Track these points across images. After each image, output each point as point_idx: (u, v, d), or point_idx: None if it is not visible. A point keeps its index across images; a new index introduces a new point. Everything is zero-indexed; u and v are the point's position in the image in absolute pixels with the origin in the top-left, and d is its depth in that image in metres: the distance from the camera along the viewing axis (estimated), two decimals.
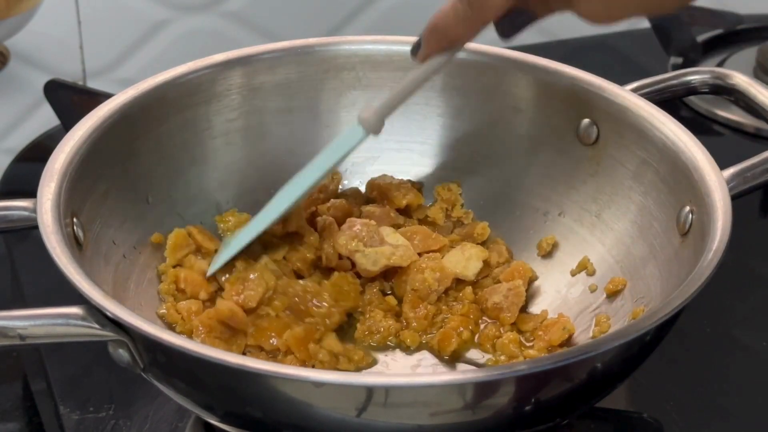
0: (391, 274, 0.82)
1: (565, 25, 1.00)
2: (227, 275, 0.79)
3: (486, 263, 0.84)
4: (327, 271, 0.82)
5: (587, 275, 0.83)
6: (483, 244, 0.86)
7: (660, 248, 0.79)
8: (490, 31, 1.20)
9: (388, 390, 0.64)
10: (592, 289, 0.81)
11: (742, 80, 0.88)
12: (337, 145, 0.80)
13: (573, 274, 0.83)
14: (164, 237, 0.82)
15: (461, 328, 0.79)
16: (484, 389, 0.65)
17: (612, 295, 0.80)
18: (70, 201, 0.74)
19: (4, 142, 1.16)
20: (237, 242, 0.80)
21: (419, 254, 0.83)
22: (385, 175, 0.88)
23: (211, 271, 0.80)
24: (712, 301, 0.80)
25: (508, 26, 0.72)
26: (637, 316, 0.76)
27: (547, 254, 0.85)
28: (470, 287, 0.82)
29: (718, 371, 0.82)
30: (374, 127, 0.78)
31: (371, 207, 0.86)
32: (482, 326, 0.81)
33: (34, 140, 1.06)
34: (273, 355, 0.76)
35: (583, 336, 0.79)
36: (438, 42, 0.74)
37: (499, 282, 0.83)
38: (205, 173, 0.86)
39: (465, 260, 0.83)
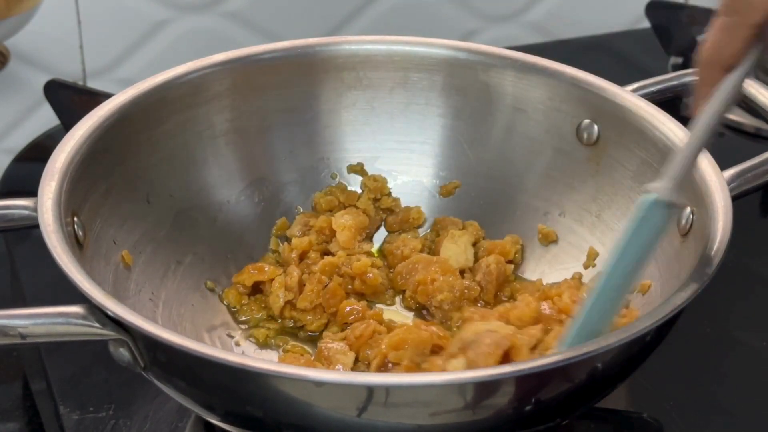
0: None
1: (565, 25, 1.00)
2: None
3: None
4: None
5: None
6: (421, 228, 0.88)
7: (660, 248, 0.79)
8: (490, 32, 1.21)
9: (388, 390, 0.64)
10: None
11: None
12: (641, 235, 0.68)
13: (586, 266, 0.83)
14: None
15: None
16: (484, 389, 0.65)
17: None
18: (70, 200, 0.74)
19: (4, 142, 1.16)
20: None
21: None
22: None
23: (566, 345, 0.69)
24: (712, 301, 0.80)
25: None
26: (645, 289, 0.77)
27: (548, 254, 0.85)
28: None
29: (718, 371, 0.82)
30: (672, 192, 0.67)
31: None
32: None
33: (34, 140, 1.06)
34: None
35: None
36: (712, 74, 0.65)
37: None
38: (205, 173, 0.86)
39: (463, 251, 0.84)
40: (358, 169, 0.89)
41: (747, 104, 0.87)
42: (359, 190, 0.89)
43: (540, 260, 0.86)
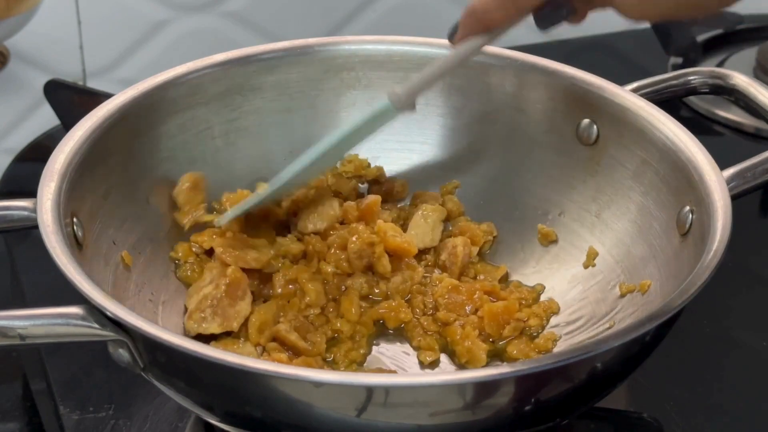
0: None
1: (564, 25, 1.00)
2: None
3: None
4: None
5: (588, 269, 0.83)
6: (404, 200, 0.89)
7: (660, 248, 0.79)
8: None
9: (388, 390, 0.64)
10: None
11: (742, 80, 0.88)
12: (365, 120, 0.79)
13: (585, 266, 0.83)
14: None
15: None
16: (484, 389, 0.65)
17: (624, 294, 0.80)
18: (70, 201, 0.74)
19: (4, 142, 1.16)
20: (249, 200, 0.81)
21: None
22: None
23: (221, 221, 0.82)
24: (712, 301, 0.80)
25: (546, 17, 0.72)
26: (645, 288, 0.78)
27: (548, 254, 0.85)
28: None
29: (717, 371, 0.82)
30: (405, 103, 0.77)
31: None
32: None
33: (34, 140, 1.06)
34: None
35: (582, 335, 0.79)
36: (474, 25, 0.74)
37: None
38: (205, 173, 0.86)
39: (431, 230, 0.85)
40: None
41: (747, 104, 0.87)
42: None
43: (540, 260, 0.86)
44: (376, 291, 0.82)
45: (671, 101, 0.90)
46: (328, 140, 0.79)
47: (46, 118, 1.06)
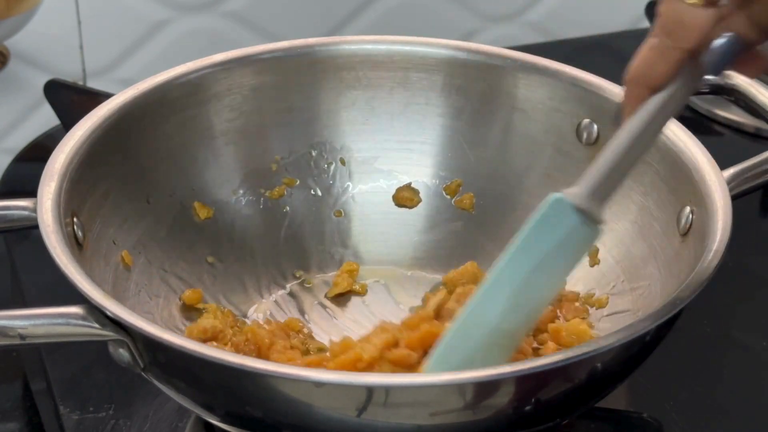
0: None
1: (565, 25, 1.00)
2: None
3: None
4: None
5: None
6: None
7: (660, 248, 0.79)
8: (490, 32, 1.21)
9: (388, 390, 0.64)
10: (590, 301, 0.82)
11: (742, 80, 0.88)
12: (559, 248, 0.67)
13: (591, 265, 0.83)
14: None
15: None
16: (484, 389, 0.65)
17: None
18: (70, 201, 0.74)
19: (4, 142, 1.16)
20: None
21: None
22: None
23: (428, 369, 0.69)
24: (712, 301, 0.80)
25: (718, 58, 0.64)
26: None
27: None
28: None
29: (718, 371, 0.82)
30: (597, 214, 0.67)
31: None
32: None
33: (34, 140, 1.06)
34: None
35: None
36: (638, 91, 0.65)
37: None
38: (205, 173, 0.86)
39: None
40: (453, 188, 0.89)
41: (747, 104, 0.87)
42: None
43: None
44: None
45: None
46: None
47: (46, 118, 1.06)
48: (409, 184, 0.90)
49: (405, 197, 0.90)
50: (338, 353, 0.72)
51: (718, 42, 0.64)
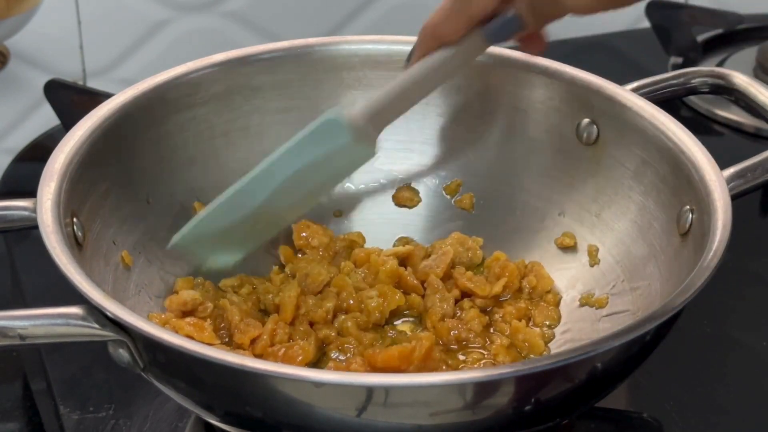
0: None
1: (565, 25, 1.00)
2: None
3: None
4: None
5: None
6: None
7: (660, 248, 0.79)
8: None
9: (388, 390, 0.64)
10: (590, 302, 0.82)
11: (742, 80, 0.88)
12: (308, 137, 0.75)
13: (591, 264, 0.83)
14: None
15: None
16: (484, 389, 0.65)
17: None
18: (70, 201, 0.74)
19: (4, 142, 1.16)
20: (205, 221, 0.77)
21: None
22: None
23: (172, 243, 0.78)
24: (712, 301, 0.80)
25: (497, 30, 0.73)
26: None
27: (548, 254, 0.85)
28: None
29: (718, 371, 0.82)
30: (363, 131, 0.75)
31: None
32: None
33: (34, 140, 1.06)
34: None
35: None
36: (427, 41, 0.74)
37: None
38: (205, 173, 0.86)
39: None
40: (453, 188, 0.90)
41: (747, 104, 0.87)
42: None
43: (540, 260, 0.85)
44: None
45: (671, 101, 0.90)
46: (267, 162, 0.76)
47: (46, 118, 1.06)
48: (409, 184, 0.90)
49: (405, 197, 0.90)
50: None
51: (502, 17, 0.73)
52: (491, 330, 0.81)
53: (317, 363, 0.78)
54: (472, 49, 0.77)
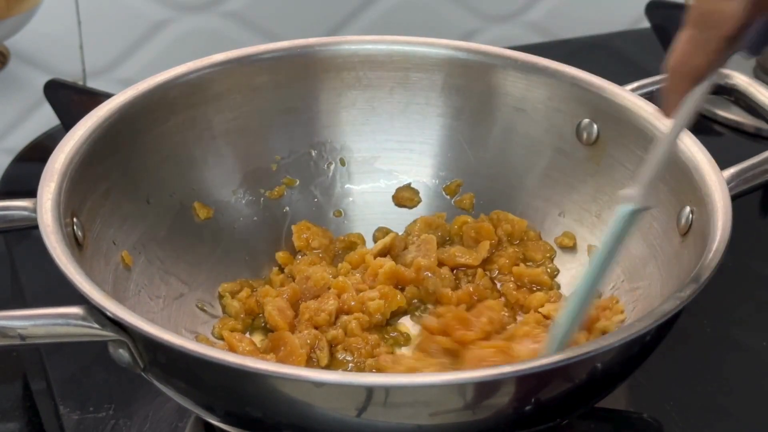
0: None
1: (565, 25, 1.00)
2: None
3: None
4: None
5: None
6: None
7: (660, 248, 0.79)
8: (490, 32, 1.21)
9: (388, 390, 0.64)
10: None
11: (742, 80, 0.88)
12: (614, 236, 0.69)
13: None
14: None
15: None
16: (484, 389, 0.65)
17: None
18: (70, 201, 0.74)
19: (4, 142, 1.16)
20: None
21: None
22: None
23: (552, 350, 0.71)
24: (712, 301, 0.80)
25: (758, 39, 0.64)
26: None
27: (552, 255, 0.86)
28: None
29: (718, 371, 0.82)
30: (646, 199, 0.68)
31: None
32: None
33: (34, 140, 1.06)
34: None
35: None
36: (683, 83, 0.65)
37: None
38: (205, 173, 0.86)
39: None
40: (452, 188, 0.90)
41: (747, 104, 0.87)
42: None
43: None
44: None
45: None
46: (592, 276, 0.71)
47: (46, 118, 1.06)
48: (409, 184, 0.90)
49: (405, 197, 0.90)
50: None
51: (758, 23, 0.64)
52: (498, 285, 0.83)
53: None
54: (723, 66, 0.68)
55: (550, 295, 0.82)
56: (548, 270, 0.84)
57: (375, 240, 0.88)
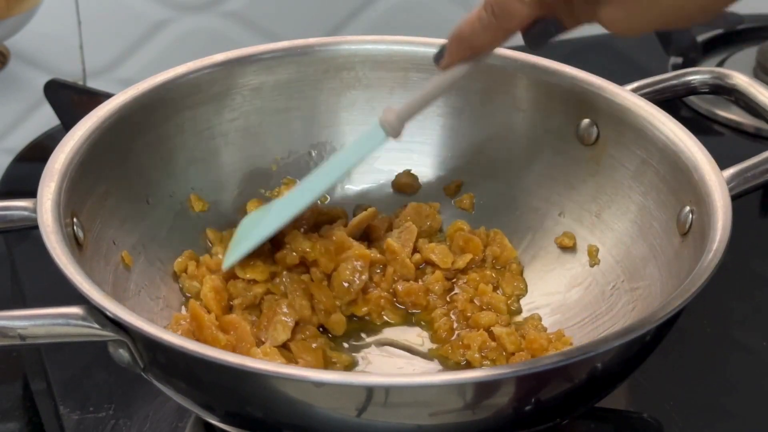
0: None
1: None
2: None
3: None
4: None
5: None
6: None
7: (660, 248, 0.79)
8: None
9: (388, 390, 0.64)
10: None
11: (742, 80, 0.88)
12: (357, 146, 0.80)
13: (591, 265, 0.83)
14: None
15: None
16: (484, 389, 0.65)
17: None
18: (70, 201, 0.74)
19: (4, 142, 1.16)
20: (253, 238, 0.80)
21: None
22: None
23: (226, 265, 0.80)
24: (712, 301, 0.80)
25: (536, 36, 0.72)
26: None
27: (548, 254, 0.85)
28: None
29: (718, 371, 0.82)
30: (395, 130, 0.77)
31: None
32: None
33: (34, 140, 1.06)
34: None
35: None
36: (461, 50, 0.74)
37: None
38: (205, 173, 0.86)
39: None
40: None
41: (747, 104, 0.87)
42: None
43: (540, 260, 0.86)
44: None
45: (671, 101, 0.90)
46: (323, 170, 0.80)
47: (46, 118, 1.06)
48: (409, 170, 0.90)
49: (404, 183, 0.90)
50: None
51: (542, 23, 0.71)
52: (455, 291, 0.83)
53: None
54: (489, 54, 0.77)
55: (500, 318, 0.81)
56: (509, 305, 0.83)
57: (355, 215, 0.88)
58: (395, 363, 0.78)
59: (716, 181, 0.76)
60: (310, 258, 0.80)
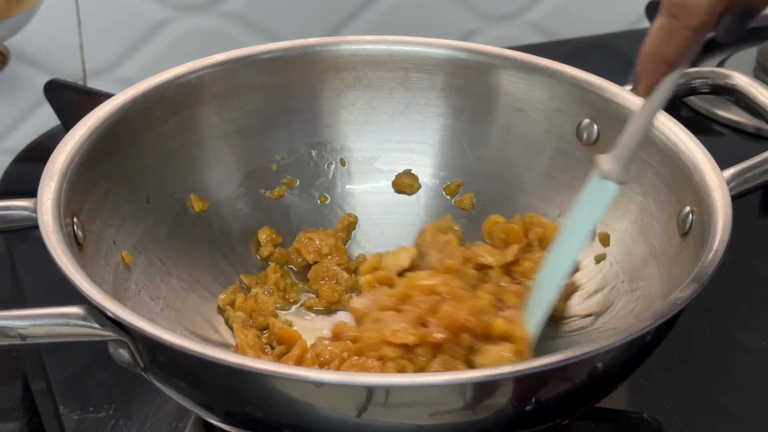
0: None
1: (565, 25, 1.00)
2: None
3: None
4: None
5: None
6: None
7: (660, 248, 0.79)
8: (490, 32, 1.21)
9: (388, 390, 0.64)
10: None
11: (742, 80, 0.88)
12: (590, 207, 0.74)
13: (597, 260, 0.83)
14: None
15: None
16: (484, 389, 0.65)
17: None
18: (70, 201, 0.74)
19: (4, 142, 1.16)
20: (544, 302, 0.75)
21: None
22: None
23: (533, 328, 0.75)
24: (712, 301, 0.80)
25: (727, 27, 0.67)
26: None
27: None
28: None
29: (718, 371, 0.82)
30: (622, 175, 0.72)
31: None
32: None
33: (34, 140, 1.06)
34: None
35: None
36: (655, 68, 0.69)
37: None
38: (205, 173, 0.86)
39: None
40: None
41: (747, 104, 0.87)
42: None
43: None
44: None
45: (671, 101, 0.90)
46: (562, 242, 0.75)
47: (46, 118, 1.06)
48: (409, 170, 0.90)
49: (405, 183, 0.90)
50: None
51: (732, 13, 0.67)
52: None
53: None
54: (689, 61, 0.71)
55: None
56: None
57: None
58: None
59: (716, 181, 0.76)
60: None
